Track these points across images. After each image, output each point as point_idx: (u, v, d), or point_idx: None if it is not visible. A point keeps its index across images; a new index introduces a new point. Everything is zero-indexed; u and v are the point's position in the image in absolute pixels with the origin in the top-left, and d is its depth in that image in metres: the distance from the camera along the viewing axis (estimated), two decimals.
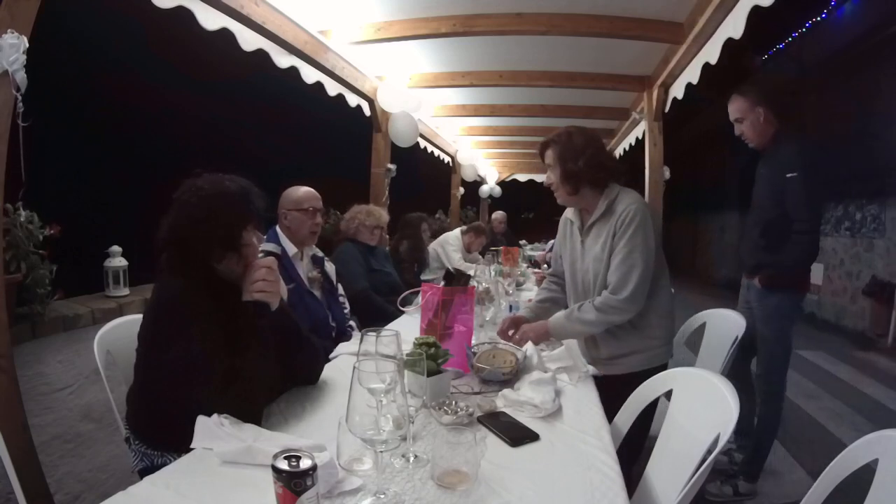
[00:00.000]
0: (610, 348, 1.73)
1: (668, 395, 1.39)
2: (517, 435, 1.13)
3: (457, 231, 5.02)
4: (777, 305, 2.19)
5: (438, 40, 2.92)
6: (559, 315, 1.77)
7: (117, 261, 2.19)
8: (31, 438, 1.43)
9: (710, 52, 2.55)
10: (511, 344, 1.72)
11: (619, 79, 3.65)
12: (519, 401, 1.29)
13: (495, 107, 4.66)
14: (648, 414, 1.77)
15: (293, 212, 2.09)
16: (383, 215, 3.15)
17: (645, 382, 1.41)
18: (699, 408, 1.21)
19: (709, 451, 1.08)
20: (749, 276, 2.36)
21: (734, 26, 2.20)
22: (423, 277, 3.86)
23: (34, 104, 1.35)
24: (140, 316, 1.31)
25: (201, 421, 1.05)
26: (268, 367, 1.19)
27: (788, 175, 2.07)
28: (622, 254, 1.63)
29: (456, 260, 4.64)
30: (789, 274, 2.18)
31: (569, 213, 1.90)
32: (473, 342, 1.70)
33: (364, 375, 0.82)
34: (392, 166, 3.84)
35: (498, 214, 6.85)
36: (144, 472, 1.17)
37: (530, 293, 3.27)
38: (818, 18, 7.14)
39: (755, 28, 2.12)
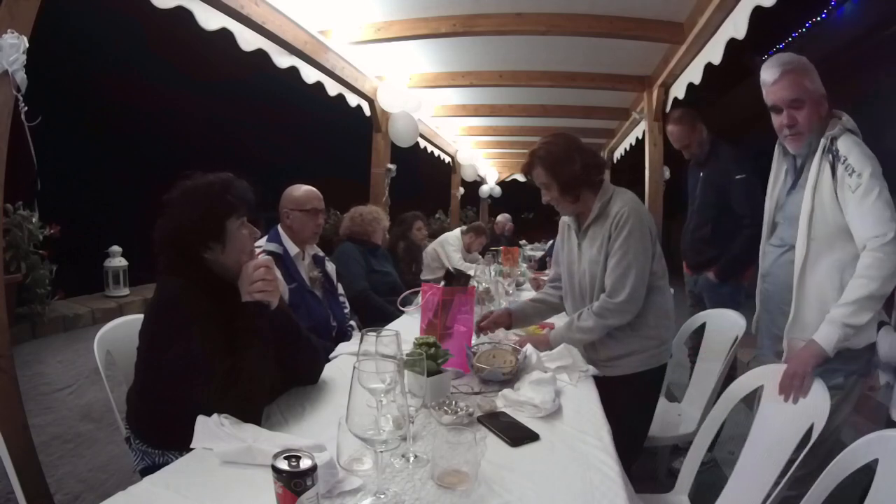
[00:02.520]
0: (608, 349, 1.72)
1: (675, 393, 1.39)
2: (517, 435, 1.12)
3: (457, 231, 5.02)
4: (730, 294, 2.41)
5: (438, 40, 2.92)
6: (559, 327, 1.77)
7: (117, 261, 2.19)
8: (31, 438, 1.43)
9: (713, 53, 2.55)
10: (511, 344, 1.72)
11: (619, 79, 3.65)
12: (519, 401, 1.28)
13: (495, 107, 4.66)
14: (649, 412, 1.78)
15: (295, 212, 2.06)
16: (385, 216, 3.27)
17: (738, 379, 1.43)
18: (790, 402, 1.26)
19: (802, 443, 1.12)
20: (696, 271, 2.58)
21: (736, 26, 2.20)
22: (423, 277, 3.86)
23: (35, 104, 1.35)
24: (140, 316, 1.31)
25: (201, 421, 1.05)
26: (268, 367, 1.19)
27: (737, 177, 2.33)
28: (617, 256, 1.63)
29: (456, 260, 4.64)
30: (742, 265, 2.38)
31: (566, 217, 1.90)
32: (473, 342, 1.70)
33: (364, 375, 0.82)
34: (392, 166, 3.84)
35: (502, 218, 6.92)
36: (146, 472, 1.17)
37: (530, 293, 3.27)
38: (818, 18, 7.13)
39: (755, 28, 2.13)
